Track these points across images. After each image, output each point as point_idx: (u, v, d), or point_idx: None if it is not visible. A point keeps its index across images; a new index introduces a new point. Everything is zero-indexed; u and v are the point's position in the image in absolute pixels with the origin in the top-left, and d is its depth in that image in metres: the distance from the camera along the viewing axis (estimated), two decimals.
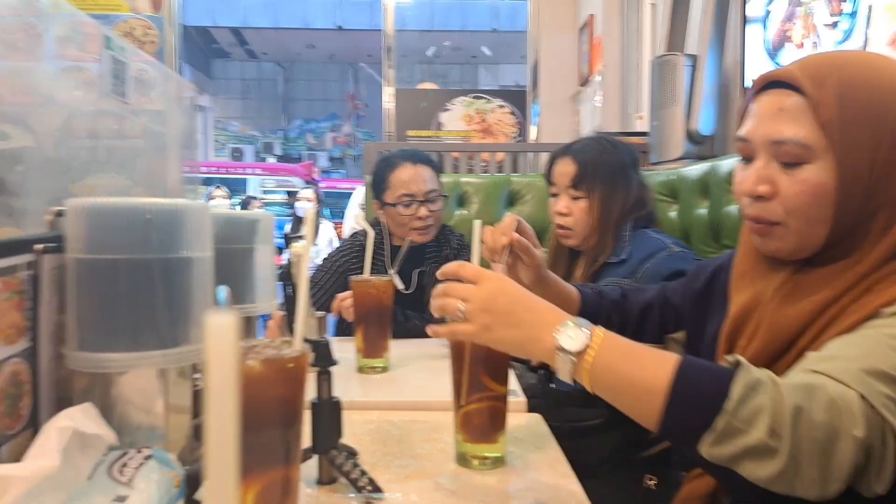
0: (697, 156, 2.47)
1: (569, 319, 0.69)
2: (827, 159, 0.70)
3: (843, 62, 0.72)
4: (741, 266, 0.85)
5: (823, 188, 0.70)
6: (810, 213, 0.72)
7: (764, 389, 0.58)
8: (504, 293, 0.73)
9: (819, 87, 0.70)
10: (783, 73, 0.73)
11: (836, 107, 0.69)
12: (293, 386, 0.57)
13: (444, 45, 12.90)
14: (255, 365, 0.55)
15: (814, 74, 0.71)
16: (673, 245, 1.39)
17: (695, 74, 2.51)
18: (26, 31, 1.18)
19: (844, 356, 0.62)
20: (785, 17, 2.08)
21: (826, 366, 0.61)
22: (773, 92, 0.74)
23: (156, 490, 0.57)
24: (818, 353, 0.66)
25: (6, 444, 0.60)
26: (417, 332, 1.65)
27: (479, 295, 0.72)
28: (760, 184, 0.74)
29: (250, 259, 0.96)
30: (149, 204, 0.66)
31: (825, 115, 0.69)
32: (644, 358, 0.65)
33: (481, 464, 0.81)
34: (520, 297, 0.73)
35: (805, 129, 0.70)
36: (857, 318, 0.68)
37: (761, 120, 0.74)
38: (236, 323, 0.28)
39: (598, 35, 4.16)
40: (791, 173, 0.72)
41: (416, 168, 1.72)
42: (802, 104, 0.71)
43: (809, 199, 0.71)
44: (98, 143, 1.32)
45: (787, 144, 0.72)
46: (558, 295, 1.02)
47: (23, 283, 0.62)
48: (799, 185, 0.72)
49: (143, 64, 1.44)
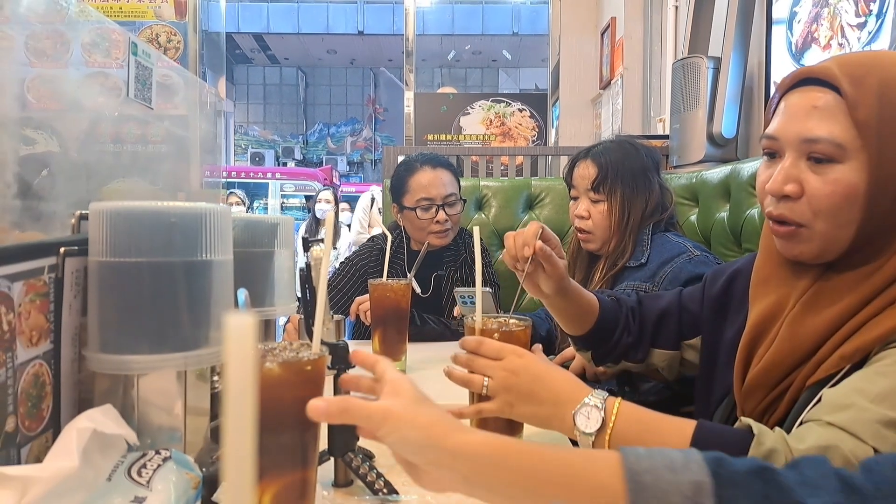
0: (719, 159, 2.44)
1: (586, 396, 0.72)
2: (860, 160, 0.68)
3: (883, 61, 0.70)
4: (762, 272, 0.83)
5: (854, 189, 0.69)
6: (838, 214, 0.70)
7: (777, 459, 0.59)
8: (525, 370, 0.76)
9: (858, 85, 0.68)
10: (820, 70, 0.71)
11: (876, 106, 0.67)
12: (311, 388, 0.57)
13: (465, 49, 12.92)
14: (274, 367, 0.55)
15: (852, 73, 0.69)
16: (693, 249, 1.37)
17: (717, 77, 2.48)
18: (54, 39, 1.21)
19: (860, 405, 0.61)
20: (811, 18, 2.05)
21: (841, 417, 0.61)
22: (806, 89, 0.72)
23: (174, 491, 0.57)
24: (835, 395, 0.65)
25: (27, 444, 0.60)
26: (434, 336, 1.65)
27: (501, 373, 0.76)
28: (788, 183, 0.72)
29: (270, 262, 0.96)
30: (171, 207, 0.67)
31: (863, 115, 0.67)
32: (661, 428, 0.68)
33: None
34: (540, 374, 0.76)
35: (840, 128, 0.68)
36: (877, 335, 0.66)
37: (793, 118, 0.72)
38: (255, 325, 0.28)
39: (619, 37, 4.13)
40: (821, 173, 0.70)
41: (435, 172, 1.73)
42: (838, 102, 0.69)
43: (840, 200, 0.69)
44: (122, 148, 1.34)
45: (821, 143, 0.69)
46: (579, 305, 1.01)
47: (46, 285, 0.63)
48: (830, 186, 0.70)
49: (168, 69, 1.46)
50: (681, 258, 1.35)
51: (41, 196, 0.88)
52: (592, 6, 4.78)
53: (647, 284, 1.35)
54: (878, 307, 0.68)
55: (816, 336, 0.71)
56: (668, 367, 1.05)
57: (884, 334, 0.66)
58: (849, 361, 0.68)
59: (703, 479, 0.48)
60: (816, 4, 2.02)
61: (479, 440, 0.52)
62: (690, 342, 1.02)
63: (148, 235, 0.65)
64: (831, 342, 0.70)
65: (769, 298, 0.80)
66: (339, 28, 12.79)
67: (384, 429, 0.52)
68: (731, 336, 0.87)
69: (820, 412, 0.63)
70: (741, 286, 0.89)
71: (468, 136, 5.33)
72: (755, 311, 0.81)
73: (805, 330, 0.73)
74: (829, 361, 0.69)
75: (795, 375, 0.73)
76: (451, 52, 12.79)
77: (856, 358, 0.68)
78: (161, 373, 0.67)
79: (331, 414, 0.51)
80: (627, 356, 1.05)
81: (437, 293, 1.79)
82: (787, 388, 0.74)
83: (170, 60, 1.57)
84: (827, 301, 0.73)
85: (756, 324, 0.80)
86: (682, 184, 1.90)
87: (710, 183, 1.77)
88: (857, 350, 0.67)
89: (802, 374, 0.72)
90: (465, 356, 0.81)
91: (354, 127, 16.12)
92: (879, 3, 1.73)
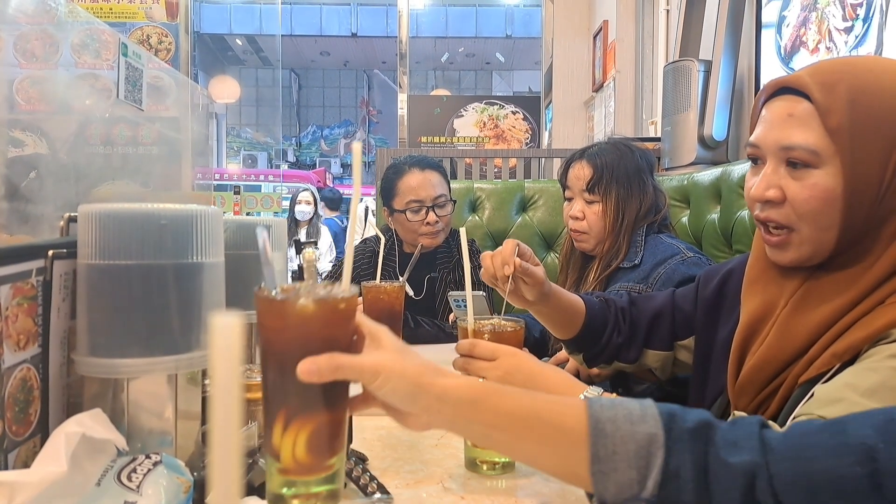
0: (710, 161, 2.45)
1: (582, 392, 0.73)
2: (835, 164, 0.71)
3: (854, 68, 0.72)
4: (752, 272, 0.84)
5: (831, 193, 0.71)
6: (819, 218, 0.72)
7: None
8: (520, 370, 0.78)
9: (828, 93, 0.70)
10: (793, 80, 0.74)
11: (846, 112, 0.69)
12: (344, 326, 0.57)
13: (458, 52, 12.94)
14: (308, 304, 0.54)
15: (823, 81, 0.71)
16: (687, 250, 1.38)
17: (708, 80, 2.49)
18: (43, 40, 1.20)
19: (851, 400, 0.62)
20: (799, 23, 2.06)
21: (832, 411, 0.62)
22: (784, 98, 0.75)
23: (164, 496, 0.57)
24: (826, 390, 0.66)
25: (15, 450, 0.60)
26: (429, 338, 1.64)
27: (497, 373, 0.78)
28: (770, 189, 0.75)
29: None
30: (161, 209, 0.66)
31: (834, 122, 0.70)
32: None
33: (490, 468, 0.80)
34: (536, 372, 0.78)
35: (814, 135, 0.71)
36: (867, 334, 0.68)
37: (771, 126, 0.75)
38: (241, 324, 0.28)
39: (612, 40, 4.15)
40: (799, 178, 0.73)
41: (423, 174, 1.73)
42: (811, 110, 0.72)
43: (818, 203, 0.72)
44: (112, 150, 1.33)
45: (796, 150, 0.72)
46: (563, 308, 1.02)
47: (34, 288, 0.63)
48: (808, 190, 0.72)
49: (159, 71, 1.45)
50: (674, 259, 1.35)
51: (29, 198, 0.87)
52: (585, 9, 4.80)
53: (641, 285, 1.36)
54: (867, 307, 0.70)
55: (807, 334, 0.73)
56: (661, 367, 1.06)
57: (873, 333, 0.68)
58: (840, 360, 0.69)
59: (657, 432, 0.53)
60: (805, 9, 2.03)
61: (461, 384, 0.57)
62: (683, 342, 1.02)
63: (138, 238, 0.65)
64: (822, 341, 0.72)
65: (760, 298, 0.81)
66: (332, 30, 12.79)
67: (376, 382, 0.54)
68: (725, 336, 0.87)
69: (812, 406, 0.65)
70: (734, 286, 0.90)
71: (462, 138, 5.33)
72: (747, 310, 0.82)
73: (796, 329, 0.74)
74: (820, 359, 0.71)
75: (788, 373, 0.74)
76: (444, 54, 12.82)
77: (847, 356, 0.69)
78: (151, 376, 0.67)
79: (322, 372, 0.52)
80: (619, 356, 1.05)
81: (431, 295, 1.78)
82: (779, 385, 0.76)
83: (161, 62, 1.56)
84: (817, 301, 0.74)
85: (748, 323, 0.81)
86: (674, 186, 1.90)
87: (702, 185, 1.78)
88: (849, 348, 0.69)
89: (794, 372, 0.73)
90: (461, 360, 0.82)
91: (348, 129, 16.11)
92: (866, 8, 1.75)
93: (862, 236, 0.72)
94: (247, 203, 5.32)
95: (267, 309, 0.55)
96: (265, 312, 0.55)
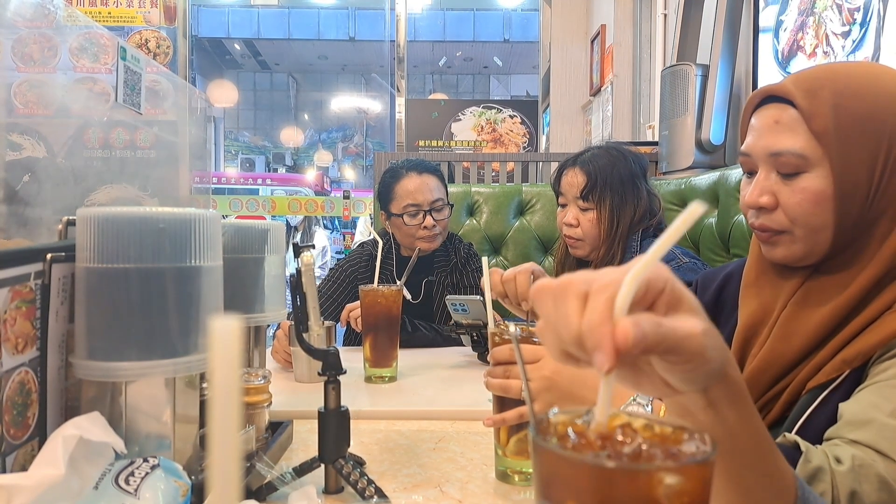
0: (707, 165, 2.46)
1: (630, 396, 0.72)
2: (824, 167, 0.72)
3: (836, 74, 0.74)
4: (750, 275, 0.85)
5: (822, 195, 0.72)
6: (812, 220, 0.74)
7: (823, 477, 0.60)
8: (563, 371, 0.78)
9: (812, 98, 0.72)
10: (777, 88, 0.76)
11: (831, 116, 0.71)
12: None
13: (456, 56, 12.95)
14: None
15: (807, 87, 0.73)
16: (682, 255, 1.38)
17: (706, 84, 2.50)
18: (42, 43, 1.20)
19: (880, 421, 0.63)
20: (797, 27, 2.07)
21: (864, 435, 0.63)
22: (770, 106, 0.76)
23: (162, 499, 0.57)
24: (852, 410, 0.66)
25: (12, 453, 0.60)
26: (426, 342, 1.65)
27: (542, 374, 0.79)
28: (763, 195, 0.76)
29: (260, 268, 0.96)
30: (159, 213, 0.66)
31: (819, 125, 0.71)
32: None
33: (522, 479, 0.79)
34: (579, 374, 0.77)
35: (801, 140, 0.73)
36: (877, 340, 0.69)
37: (760, 134, 0.77)
38: (240, 328, 0.28)
39: (609, 45, 4.16)
40: (790, 183, 0.75)
41: (421, 178, 1.73)
42: (797, 116, 0.73)
43: (809, 206, 0.73)
44: (111, 154, 1.33)
45: (785, 155, 0.74)
46: None
47: (33, 292, 0.63)
48: (799, 194, 0.74)
49: (157, 75, 1.45)
50: (670, 265, 1.35)
51: (28, 202, 0.87)
52: (583, 14, 4.81)
53: None
54: (875, 311, 0.71)
55: (810, 335, 0.74)
56: None
57: (884, 339, 0.69)
58: (850, 366, 0.70)
59: None
60: (802, 13, 2.04)
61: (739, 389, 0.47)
62: None
63: (136, 241, 0.65)
64: (830, 346, 0.72)
65: (757, 301, 0.82)
66: (330, 34, 12.80)
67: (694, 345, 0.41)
68: (725, 339, 0.88)
69: (842, 430, 0.65)
70: (733, 290, 0.90)
71: (459, 142, 5.34)
72: (744, 313, 0.83)
73: (797, 330, 0.75)
74: (830, 365, 0.71)
75: (793, 376, 0.75)
76: (442, 58, 12.84)
77: (857, 363, 0.70)
78: (149, 380, 0.67)
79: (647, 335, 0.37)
80: None
81: (428, 299, 1.78)
82: (783, 388, 0.76)
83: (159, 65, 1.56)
84: (817, 301, 0.75)
85: (746, 326, 0.82)
86: (671, 190, 1.91)
87: (699, 189, 1.79)
88: (858, 354, 0.70)
89: (801, 377, 0.74)
90: (500, 368, 0.82)
91: (346, 133, 16.12)
92: (863, 13, 1.76)
93: (856, 237, 0.73)
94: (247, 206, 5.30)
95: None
96: None
